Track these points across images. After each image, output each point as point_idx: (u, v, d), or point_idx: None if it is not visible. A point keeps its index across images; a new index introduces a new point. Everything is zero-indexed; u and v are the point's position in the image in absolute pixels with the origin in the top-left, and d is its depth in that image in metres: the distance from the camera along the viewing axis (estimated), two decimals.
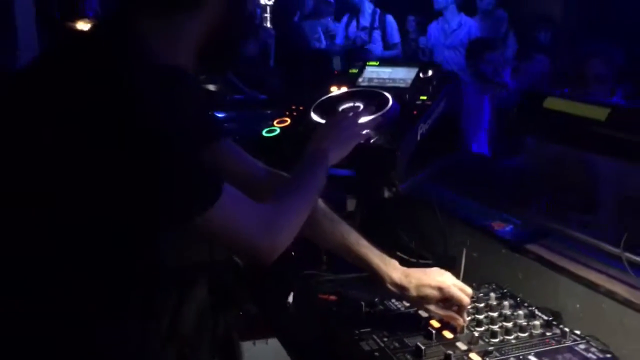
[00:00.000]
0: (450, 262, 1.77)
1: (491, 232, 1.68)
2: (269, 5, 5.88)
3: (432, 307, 1.30)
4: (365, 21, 5.81)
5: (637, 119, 1.02)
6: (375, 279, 1.34)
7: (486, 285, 1.51)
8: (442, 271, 1.34)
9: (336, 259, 1.84)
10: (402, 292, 1.31)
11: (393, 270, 1.33)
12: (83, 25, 2.72)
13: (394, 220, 1.96)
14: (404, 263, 1.84)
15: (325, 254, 1.90)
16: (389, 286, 1.32)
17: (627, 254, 1.23)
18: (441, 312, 1.29)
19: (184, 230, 1.00)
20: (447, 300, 1.28)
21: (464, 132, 1.73)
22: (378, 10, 5.79)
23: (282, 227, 1.12)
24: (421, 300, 1.30)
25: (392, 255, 1.86)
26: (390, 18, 5.76)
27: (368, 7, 5.85)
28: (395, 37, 5.78)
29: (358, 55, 4.98)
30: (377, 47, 5.70)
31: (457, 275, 1.70)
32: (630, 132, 1.00)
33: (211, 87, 4.36)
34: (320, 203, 1.34)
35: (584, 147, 1.11)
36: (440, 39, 5.29)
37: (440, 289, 1.28)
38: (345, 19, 5.92)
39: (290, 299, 1.66)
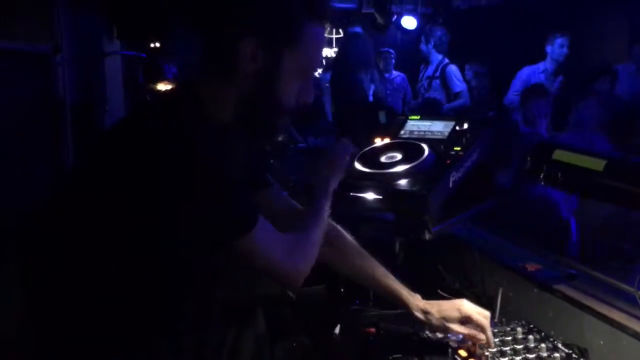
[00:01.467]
0: (488, 301, 1.89)
1: (525, 273, 1.79)
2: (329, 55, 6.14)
3: (454, 326, 1.46)
4: (430, 71, 5.99)
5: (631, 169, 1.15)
6: (402, 306, 1.53)
7: (515, 321, 1.62)
8: (462, 299, 1.51)
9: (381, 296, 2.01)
10: (426, 316, 1.50)
11: (418, 299, 1.53)
12: (163, 87, 3.09)
13: (437, 261, 2.10)
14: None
15: (372, 291, 2.06)
16: (415, 312, 1.50)
17: None
18: (464, 330, 1.45)
19: (228, 256, 1.20)
20: (467, 322, 1.45)
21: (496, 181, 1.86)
22: (446, 60, 5.91)
23: (303, 253, 1.30)
24: (443, 321, 1.47)
25: (435, 293, 2.02)
26: (451, 68, 5.88)
27: (435, 58, 6.01)
28: (457, 86, 5.89)
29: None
30: (438, 95, 5.87)
31: (493, 314, 1.82)
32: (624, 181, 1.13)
33: (279, 138, 4.65)
34: (352, 239, 1.55)
35: (585, 194, 1.25)
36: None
37: (459, 309, 1.47)
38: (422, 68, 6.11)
39: (337, 330, 1.81)
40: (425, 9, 7.43)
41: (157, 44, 3.33)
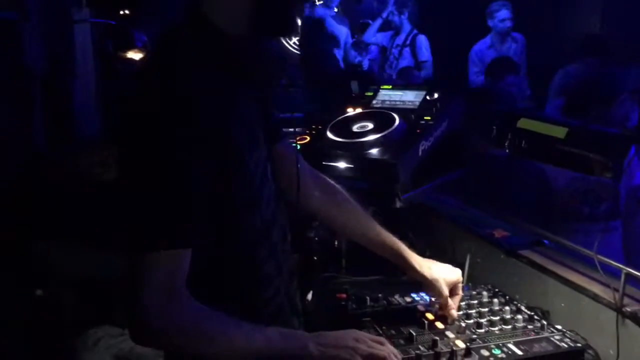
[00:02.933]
0: (458, 267, 1.95)
1: (492, 240, 1.85)
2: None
3: (444, 288, 1.45)
4: (400, 39, 6.05)
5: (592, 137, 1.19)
6: (402, 262, 1.50)
7: (482, 286, 1.67)
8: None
9: (353, 263, 2.06)
10: (422, 268, 1.48)
11: (417, 257, 1.51)
12: (133, 55, 3.05)
13: (408, 228, 2.14)
14: None
15: (345, 259, 2.10)
16: (412, 262, 1.48)
17: (599, 256, 1.38)
18: (447, 294, 1.45)
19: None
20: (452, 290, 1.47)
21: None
22: (415, 31, 6.01)
23: (181, 331, 1.04)
24: (439, 280, 1.46)
25: None
26: (421, 37, 5.97)
27: (406, 27, 6.07)
28: (424, 55, 5.96)
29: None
30: (406, 62, 5.94)
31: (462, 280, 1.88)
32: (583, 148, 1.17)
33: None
34: (348, 196, 1.50)
35: (548, 161, 1.29)
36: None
37: (457, 275, 1.49)
38: (389, 35, 6.15)
39: (309, 296, 1.85)
40: None
41: (127, 12, 3.26)
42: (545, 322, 1.40)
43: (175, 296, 1.01)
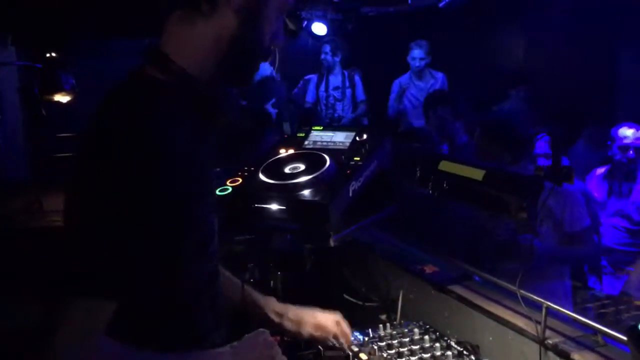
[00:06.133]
0: (392, 304, 1.98)
1: (423, 275, 1.89)
2: None
3: (307, 329, 1.50)
4: (337, 81, 6.20)
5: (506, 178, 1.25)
6: (257, 310, 1.53)
7: (414, 323, 1.71)
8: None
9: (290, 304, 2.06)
10: (280, 318, 1.51)
11: (273, 302, 1.55)
12: (60, 98, 2.98)
13: (343, 265, 2.17)
14: (352, 305, 2.06)
15: (281, 300, 2.10)
16: (269, 314, 1.51)
17: (522, 291, 1.44)
18: (316, 333, 1.50)
19: None
20: (320, 328, 1.52)
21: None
22: (347, 72, 6.25)
23: None
24: (297, 324, 1.51)
25: (340, 298, 2.08)
26: (358, 77, 6.20)
27: (339, 69, 6.27)
28: (361, 95, 6.19)
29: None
30: (347, 104, 6.12)
31: (395, 315, 1.91)
32: (499, 189, 1.23)
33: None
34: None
35: (469, 201, 1.35)
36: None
37: (314, 315, 1.53)
38: (315, 78, 6.32)
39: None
40: (335, 15, 7.59)
41: (54, 54, 3.19)
42: (474, 358, 1.44)
43: (92, 342, 0.98)
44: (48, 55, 3.09)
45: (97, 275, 0.98)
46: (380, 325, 1.67)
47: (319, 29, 7.46)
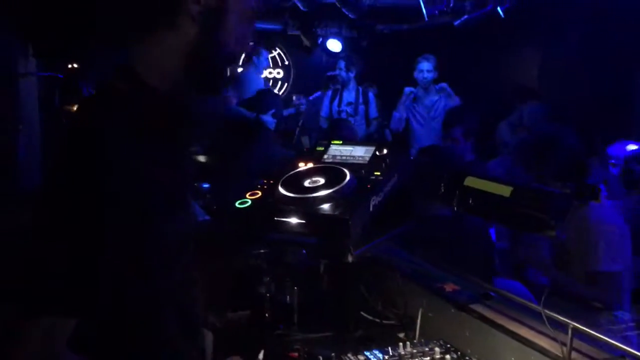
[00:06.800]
0: (410, 322, 1.95)
1: (443, 294, 1.86)
2: None
3: None
4: (350, 97, 6.22)
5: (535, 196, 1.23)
6: None
7: (434, 341, 1.68)
8: None
9: (305, 319, 2.03)
10: None
11: None
12: None
13: (360, 283, 2.14)
14: (368, 323, 2.03)
15: (297, 314, 2.08)
16: None
17: (546, 311, 1.41)
18: None
19: None
20: None
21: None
22: (360, 88, 6.26)
23: None
24: None
25: (357, 315, 2.05)
26: (372, 94, 6.23)
27: (353, 85, 6.28)
28: (374, 112, 6.21)
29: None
30: (359, 120, 6.14)
31: (414, 334, 1.88)
32: (527, 206, 1.21)
33: (201, 159, 4.62)
34: None
35: (494, 219, 1.33)
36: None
37: None
38: (329, 93, 6.34)
39: (261, 356, 1.81)
40: (350, 32, 7.66)
41: (75, 65, 3.22)
42: None
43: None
44: (70, 66, 3.12)
45: (56, 292, 0.97)
46: (400, 344, 1.64)
47: (334, 45, 7.54)
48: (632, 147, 3.73)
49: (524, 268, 2.33)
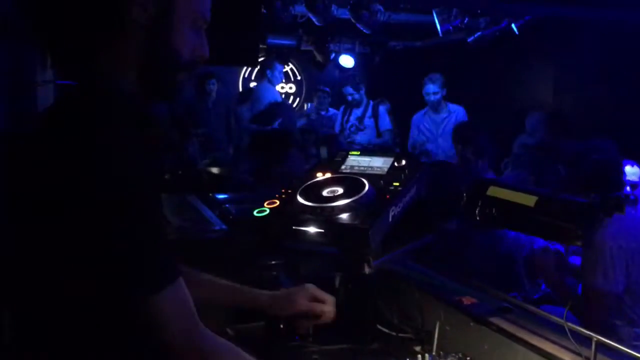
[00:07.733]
0: (427, 336, 1.92)
1: (461, 307, 1.84)
2: None
3: (301, 304, 1.66)
4: (359, 111, 6.37)
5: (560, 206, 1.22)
6: (252, 303, 1.70)
7: (453, 354, 1.65)
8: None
9: (321, 330, 2.01)
10: (273, 299, 1.68)
11: (265, 293, 1.71)
12: None
13: (376, 296, 2.12)
14: (385, 336, 2.00)
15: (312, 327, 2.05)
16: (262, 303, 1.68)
17: (569, 324, 1.38)
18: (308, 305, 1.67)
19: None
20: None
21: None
22: (372, 102, 6.44)
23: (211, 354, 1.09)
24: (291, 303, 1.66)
25: (373, 328, 2.03)
26: (382, 108, 6.37)
27: (364, 101, 6.47)
28: (385, 124, 6.34)
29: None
30: (369, 133, 6.23)
31: (431, 348, 1.86)
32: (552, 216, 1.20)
33: (215, 170, 4.63)
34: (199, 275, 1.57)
35: (519, 228, 1.31)
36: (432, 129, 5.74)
37: (307, 289, 1.69)
38: (342, 109, 6.53)
39: None
40: (363, 48, 7.69)
41: None
42: None
43: (196, 322, 1.06)
44: None
45: (161, 261, 1.02)
46: (419, 356, 1.62)
47: (347, 61, 7.58)
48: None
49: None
